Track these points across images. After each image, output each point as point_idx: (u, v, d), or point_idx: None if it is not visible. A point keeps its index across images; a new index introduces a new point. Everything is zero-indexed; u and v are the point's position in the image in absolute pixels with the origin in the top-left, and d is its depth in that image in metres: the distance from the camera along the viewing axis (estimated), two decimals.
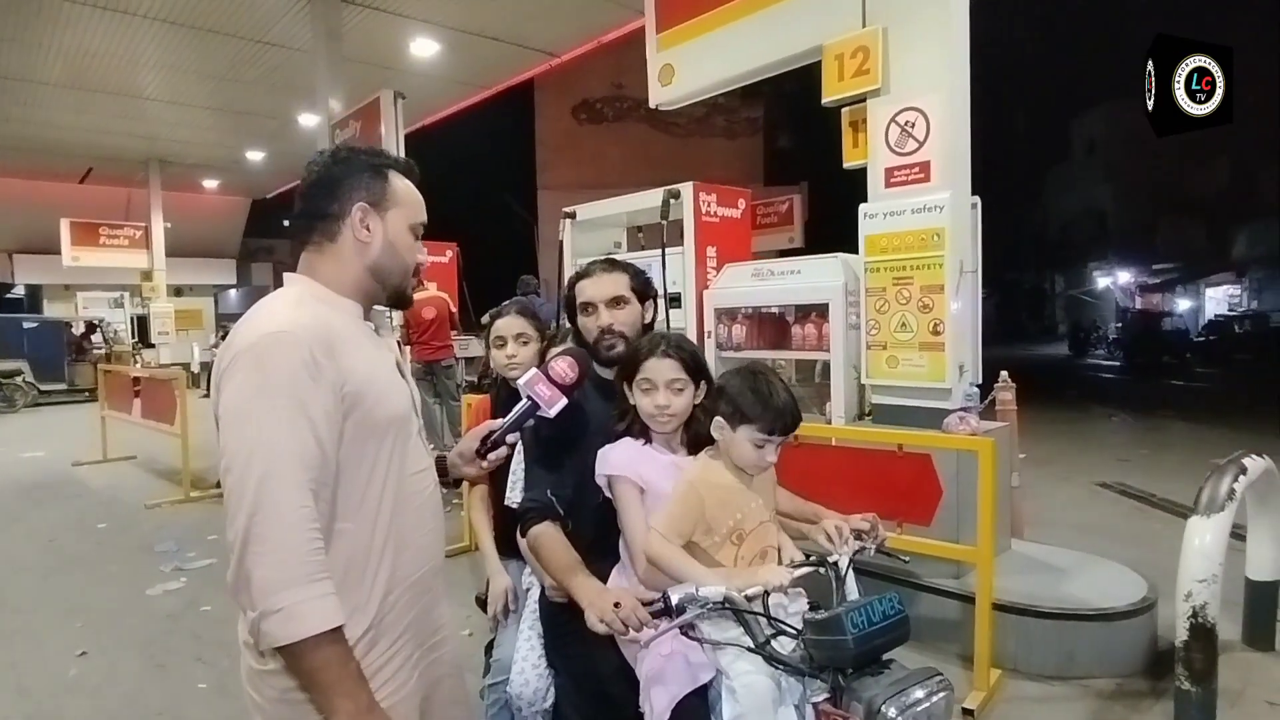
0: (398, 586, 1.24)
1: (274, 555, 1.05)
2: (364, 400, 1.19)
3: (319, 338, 1.15)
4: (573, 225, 5.39)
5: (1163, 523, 5.14)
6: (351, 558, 1.19)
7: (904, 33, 3.50)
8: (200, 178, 17.02)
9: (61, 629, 3.79)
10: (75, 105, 11.37)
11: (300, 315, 1.17)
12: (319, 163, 1.31)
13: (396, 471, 1.25)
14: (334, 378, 1.15)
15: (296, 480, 1.08)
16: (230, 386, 1.12)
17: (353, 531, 1.19)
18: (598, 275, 1.84)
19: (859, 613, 1.20)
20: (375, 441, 1.22)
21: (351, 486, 1.19)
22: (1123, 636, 3.00)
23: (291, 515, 1.07)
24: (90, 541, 5.36)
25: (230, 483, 1.08)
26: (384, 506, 1.23)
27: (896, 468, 3.09)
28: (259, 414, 1.09)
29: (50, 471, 7.86)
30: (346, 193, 1.27)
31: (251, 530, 1.05)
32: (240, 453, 1.08)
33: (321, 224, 1.28)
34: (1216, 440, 8.18)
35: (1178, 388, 15.08)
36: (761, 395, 1.49)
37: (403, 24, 8.66)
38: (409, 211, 1.33)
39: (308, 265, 1.30)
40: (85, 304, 17.86)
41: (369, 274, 1.30)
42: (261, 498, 1.05)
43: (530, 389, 1.46)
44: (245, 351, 1.12)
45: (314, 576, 1.07)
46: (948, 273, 3.37)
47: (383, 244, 1.29)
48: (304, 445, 1.10)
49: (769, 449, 1.51)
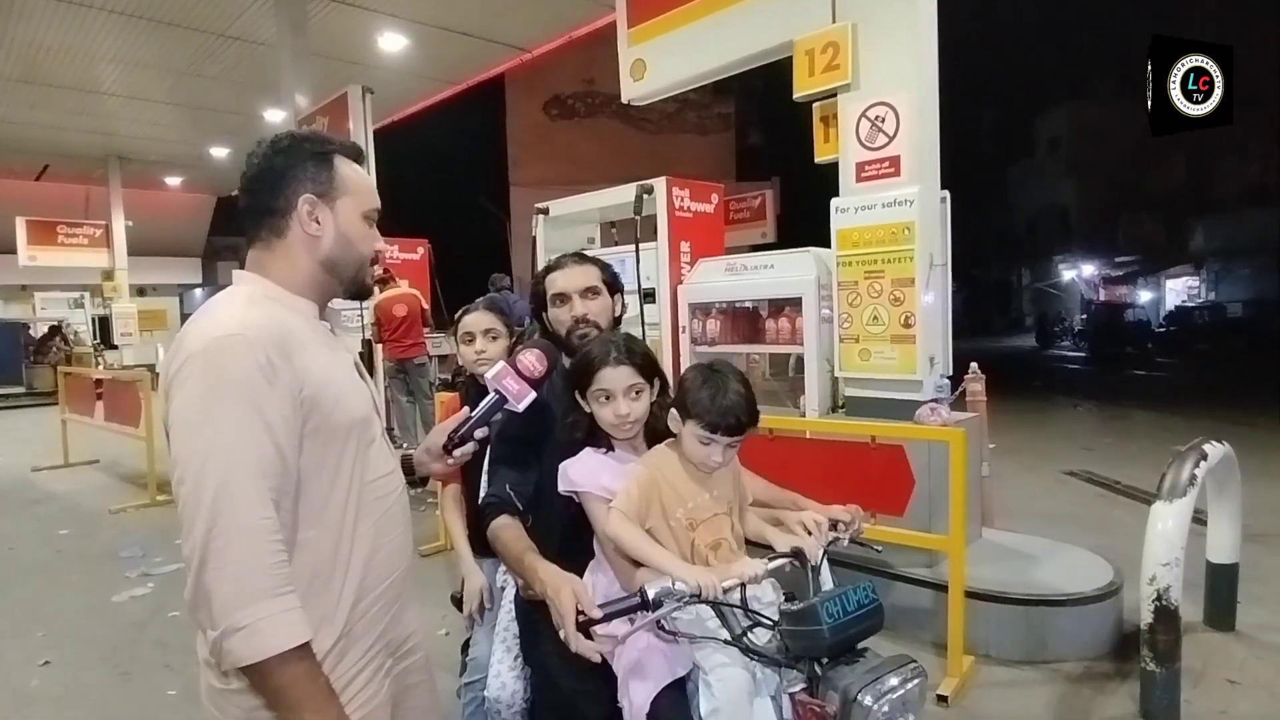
0: (367, 594, 1.20)
1: (234, 570, 0.99)
2: (322, 404, 1.13)
3: (273, 339, 1.09)
4: (545, 221, 5.36)
5: (1126, 509, 5.27)
6: (317, 567, 1.13)
7: (874, 28, 3.54)
8: (162, 174, 16.59)
9: (22, 639, 3.69)
10: (30, 100, 11.02)
11: (252, 316, 1.11)
12: (258, 153, 1.22)
13: (360, 476, 1.20)
14: (290, 381, 1.09)
15: (256, 489, 1.03)
16: (180, 394, 1.06)
17: (317, 540, 1.14)
18: (570, 267, 1.83)
19: (834, 602, 1.21)
20: (337, 446, 1.16)
21: (314, 493, 1.13)
22: (1091, 620, 3.07)
23: (252, 526, 1.01)
24: (51, 549, 5.21)
25: (184, 494, 1.02)
26: (349, 513, 1.17)
27: (870, 459, 3.12)
28: (212, 421, 1.03)
29: (8, 477, 7.63)
30: (291, 185, 1.20)
31: (210, 544, 0.99)
32: (194, 462, 1.02)
33: (268, 220, 1.21)
34: (1177, 428, 8.41)
35: (1140, 377, 15.45)
36: (710, 392, 1.47)
37: (370, 18, 8.52)
38: (360, 198, 1.26)
39: (257, 263, 1.23)
40: (43, 304, 17.38)
41: (322, 269, 1.23)
42: (219, 509, 1.00)
43: (498, 383, 1.44)
44: (195, 356, 1.06)
45: (278, 590, 1.01)
46: (918, 266, 3.41)
47: (335, 236, 1.23)
48: (262, 452, 1.04)
49: (714, 448, 1.48)
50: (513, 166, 18.64)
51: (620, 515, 1.46)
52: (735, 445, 1.53)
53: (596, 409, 1.58)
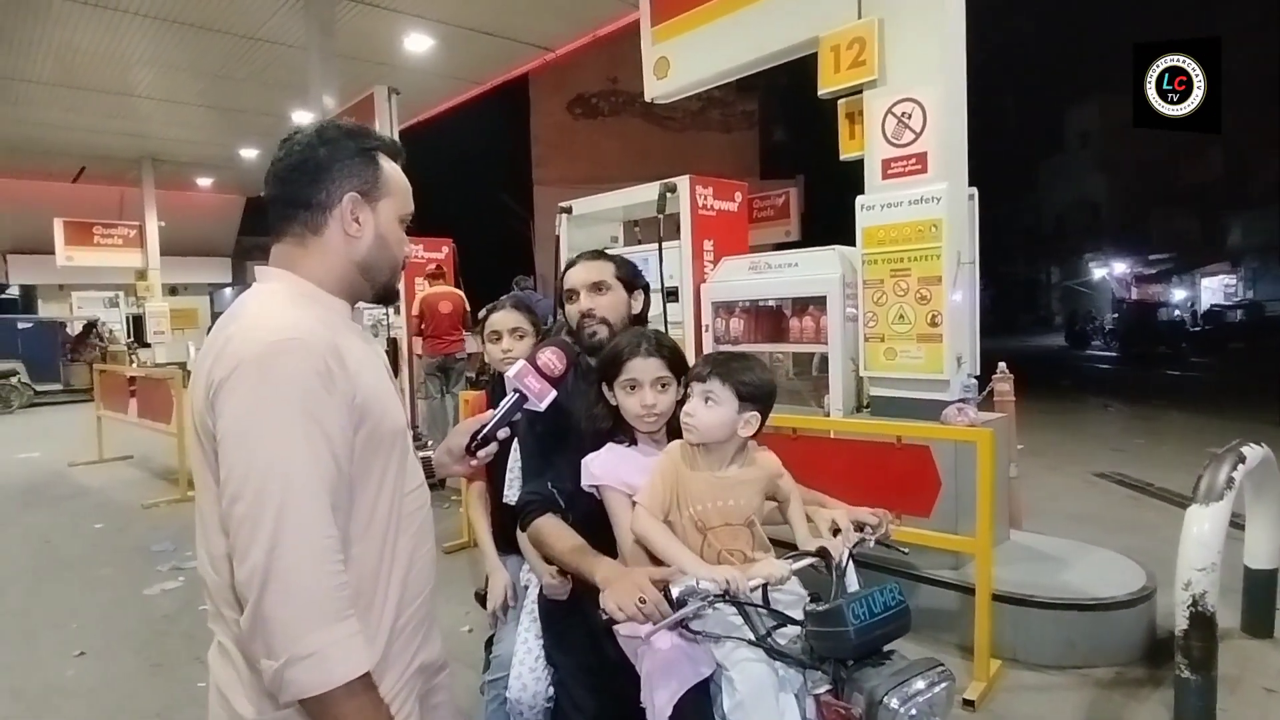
0: (405, 611, 1.15)
1: (300, 594, 0.93)
2: (372, 412, 1.08)
3: (329, 344, 1.03)
4: (569, 220, 5.37)
5: (1158, 512, 5.15)
6: (361, 586, 1.07)
7: (900, 24, 3.49)
8: (194, 176, 16.92)
9: (57, 630, 3.78)
10: (67, 104, 11.29)
11: (305, 319, 1.05)
12: (301, 143, 1.15)
13: (400, 487, 1.15)
14: (345, 388, 1.04)
15: (320, 506, 0.97)
16: (233, 403, 0.99)
17: (362, 556, 1.08)
18: (581, 264, 1.85)
19: (860, 604, 1.19)
20: (382, 456, 1.12)
21: (361, 507, 1.08)
22: (1122, 626, 3.00)
23: (316, 547, 0.96)
24: (86, 542, 5.34)
25: (240, 513, 0.95)
26: (390, 527, 1.13)
27: (895, 459, 3.08)
28: (271, 433, 0.97)
29: (45, 472, 7.82)
30: (335, 180, 1.14)
31: (273, 567, 0.93)
32: (252, 479, 0.95)
33: (304, 214, 1.14)
34: (1212, 429, 8.20)
35: (1173, 377, 15.12)
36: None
37: (396, 19, 8.60)
38: (400, 201, 1.21)
39: (287, 259, 1.15)
40: (80, 304, 17.80)
41: (357, 270, 1.18)
42: (282, 528, 0.93)
43: (519, 381, 1.43)
44: (248, 362, 0.99)
45: (342, 614, 0.96)
46: (945, 264, 3.36)
47: (373, 238, 1.17)
48: (323, 465, 0.99)
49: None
50: (537, 166, 18.72)
51: (645, 512, 1.45)
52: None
53: (622, 399, 1.58)
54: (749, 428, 1.50)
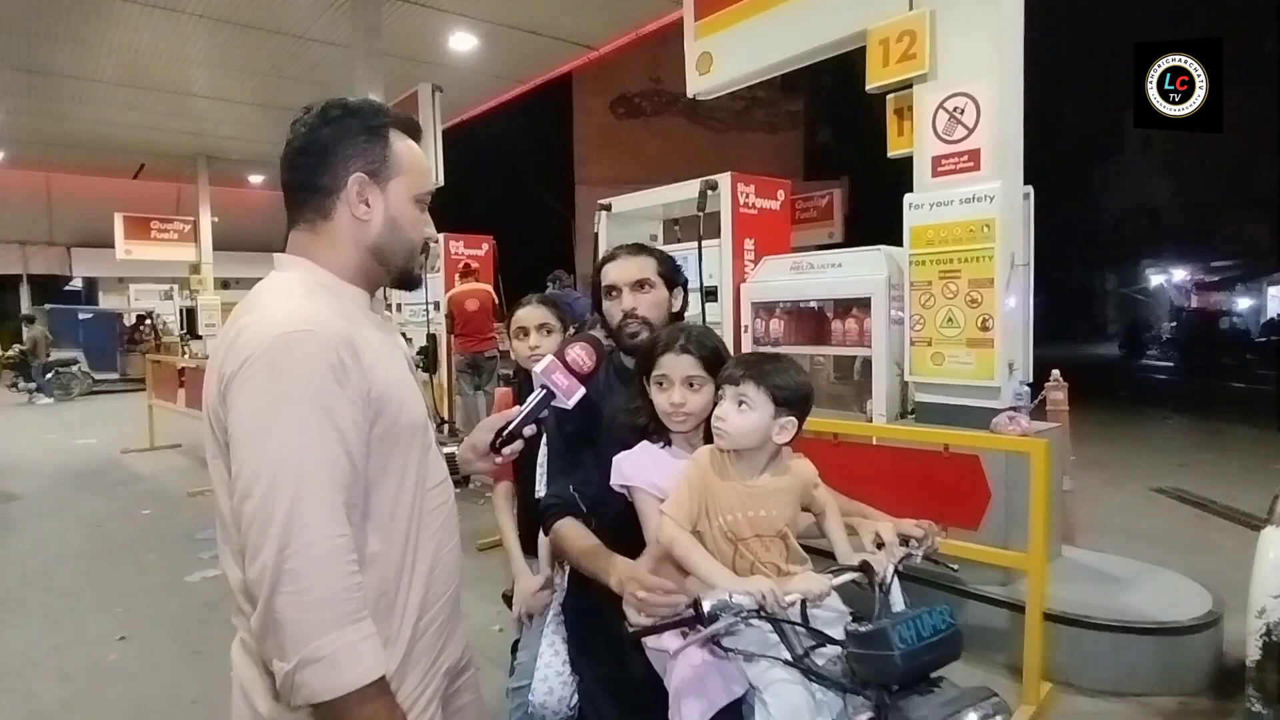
0: (428, 611, 1.11)
1: (312, 594, 0.90)
2: (388, 406, 1.05)
3: (342, 336, 1.00)
4: (608, 217, 5.32)
5: (1224, 531, 4.88)
6: (383, 585, 1.04)
7: (954, 15, 3.36)
8: (246, 173, 17.38)
9: (104, 614, 3.87)
10: (127, 102, 11.68)
11: (317, 309, 1.02)
12: (305, 123, 1.11)
13: (421, 483, 1.11)
14: (359, 381, 1.00)
15: (331, 504, 0.94)
16: (243, 398, 0.96)
17: (383, 555, 1.05)
18: (623, 258, 1.76)
19: (907, 626, 1.10)
20: (401, 452, 1.08)
21: (380, 504, 1.05)
22: (1186, 652, 2.83)
23: (328, 546, 0.92)
24: (135, 528, 5.48)
25: (250, 510, 0.92)
26: (412, 524, 1.09)
27: (942, 469, 2.96)
28: (282, 428, 0.93)
29: (101, 458, 8.10)
30: (340, 161, 1.09)
31: (283, 567, 0.90)
32: (262, 475, 0.93)
33: (313, 199, 1.11)
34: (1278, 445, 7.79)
35: (1237, 390, 14.43)
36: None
37: (441, 18, 8.68)
38: (413, 180, 1.15)
39: (302, 246, 1.13)
40: (137, 296, 18.42)
41: (370, 256, 1.13)
42: (292, 527, 0.91)
43: (546, 378, 1.38)
44: (258, 356, 0.96)
45: (356, 616, 0.93)
46: (998, 266, 3.21)
47: (384, 221, 1.13)
48: (336, 463, 0.96)
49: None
50: (579, 165, 18.79)
51: (671, 522, 1.37)
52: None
53: (654, 395, 1.52)
54: (784, 434, 1.41)
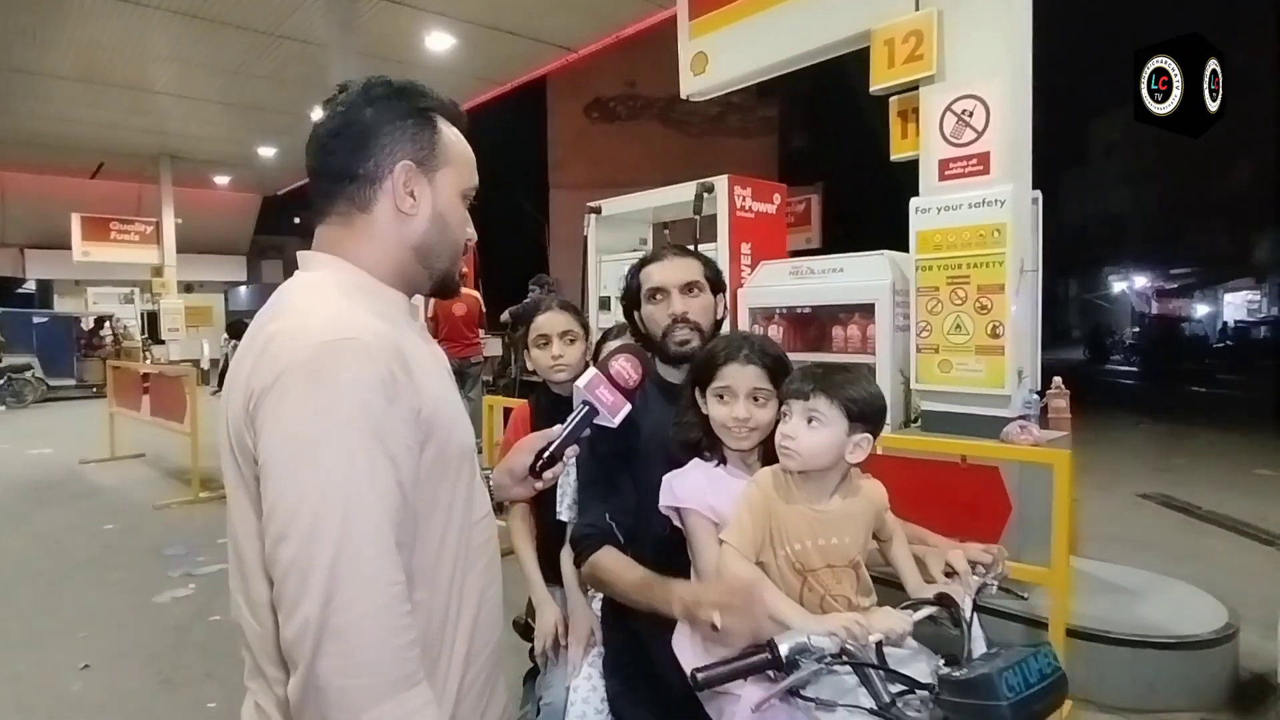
0: (473, 665, 0.97)
1: (363, 656, 0.77)
2: (439, 428, 0.90)
3: (391, 345, 0.85)
4: (597, 221, 5.20)
5: (1216, 538, 4.90)
6: (428, 639, 0.89)
7: (962, 15, 3.30)
8: (211, 173, 16.90)
9: (66, 639, 3.61)
10: (87, 99, 11.26)
11: (363, 315, 0.87)
12: (345, 103, 0.98)
13: (468, 517, 0.97)
14: (411, 399, 0.86)
15: (385, 547, 0.80)
16: (278, 418, 0.80)
17: (427, 604, 0.90)
18: (670, 259, 1.62)
19: (1014, 672, 0.98)
20: (449, 481, 0.93)
21: (428, 543, 0.90)
22: (1206, 667, 2.77)
23: (382, 598, 0.78)
24: (97, 544, 5.18)
25: (289, 555, 0.77)
26: (458, 566, 0.95)
27: (960, 480, 2.86)
28: (327, 454, 0.79)
29: (58, 469, 7.70)
30: (386, 146, 0.96)
31: (329, 623, 0.76)
32: (303, 514, 0.77)
33: (350, 188, 0.96)
34: (1255, 450, 7.95)
35: (1199, 394, 14.79)
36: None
37: (418, 17, 8.48)
38: (461, 172, 1.02)
39: (334, 242, 0.97)
40: (96, 299, 17.78)
41: (413, 255, 0.99)
42: (339, 576, 0.76)
43: (590, 393, 1.24)
44: (297, 368, 0.81)
45: (413, 679, 0.80)
46: (1009, 271, 3.15)
47: (431, 216, 0.99)
48: (387, 496, 0.81)
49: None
50: (553, 169, 18.59)
51: (735, 554, 1.24)
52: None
53: (713, 408, 1.38)
54: (859, 452, 1.28)
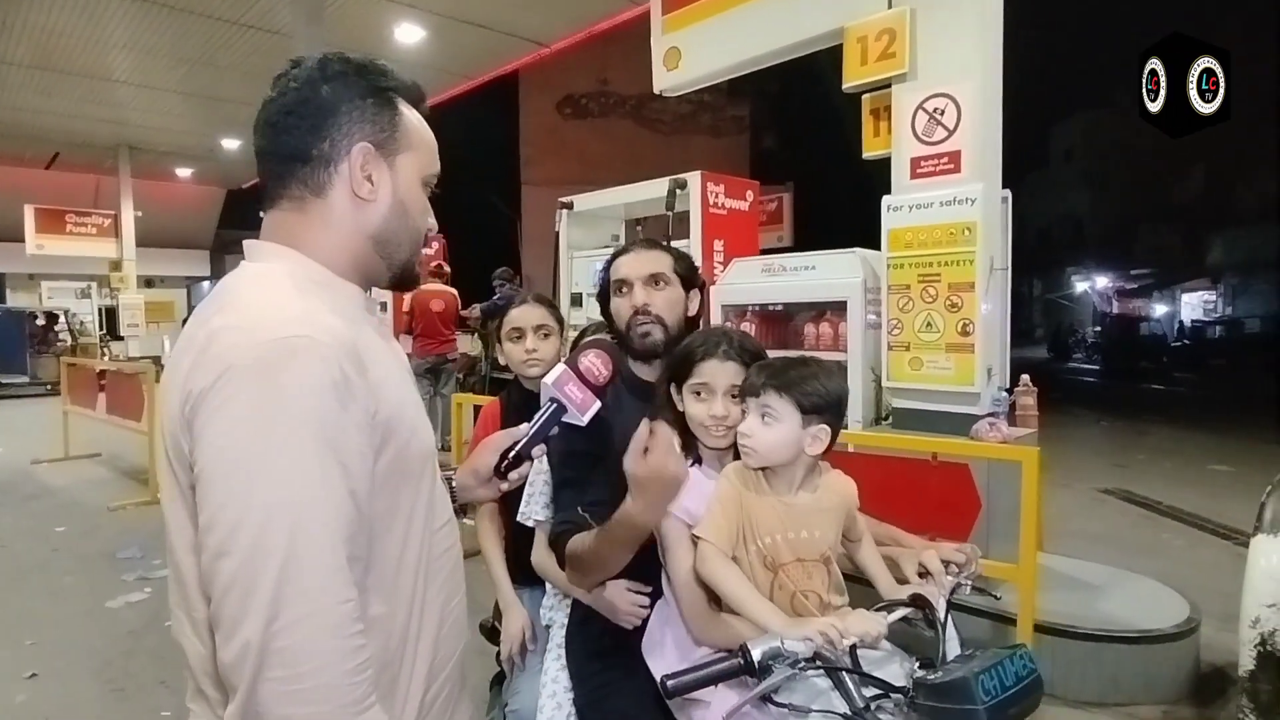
0: (435, 680, 0.92)
1: (310, 681, 0.70)
2: (398, 432, 0.85)
3: (344, 343, 0.79)
4: (569, 216, 5.14)
5: (1175, 533, 5.01)
6: (386, 656, 0.84)
7: (935, 14, 3.31)
8: (173, 166, 16.43)
9: (11, 647, 3.46)
10: (41, 87, 10.86)
11: (313, 310, 0.81)
12: (299, 79, 0.90)
13: (429, 526, 0.91)
14: (366, 403, 0.80)
15: (334, 562, 0.73)
16: (220, 423, 0.74)
17: (386, 619, 0.84)
18: (637, 251, 1.60)
19: (990, 675, 0.97)
20: (410, 488, 0.88)
21: (385, 555, 0.84)
22: (1168, 660, 2.81)
23: (330, 617, 0.72)
24: (47, 547, 4.99)
25: (229, 572, 0.71)
26: (419, 577, 0.89)
27: (930, 478, 2.87)
28: (273, 466, 0.73)
29: (6, 470, 7.41)
30: (343, 126, 0.89)
31: (270, 645, 0.70)
32: (246, 525, 0.71)
33: (303, 170, 0.89)
34: (1209, 446, 8.17)
35: (1157, 392, 15.19)
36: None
37: (387, 8, 8.33)
38: (423, 158, 0.97)
39: (285, 230, 0.90)
40: (50, 294, 17.22)
41: (371, 246, 0.93)
42: (284, 595, 0.70)
43: (559, 390, 1.20)
44: (243, 369, 0.74)
45: (363, 704, 0.74)
46: (979, 270, 3.17)
47: (390, 203, 0.93)
48: (339, 507, 0.75)
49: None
50: (525, 165, 18.44)
51: (714, 551, 1.21)
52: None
53: (690, 405, 1.35)
54: (817, 444, 1.27)
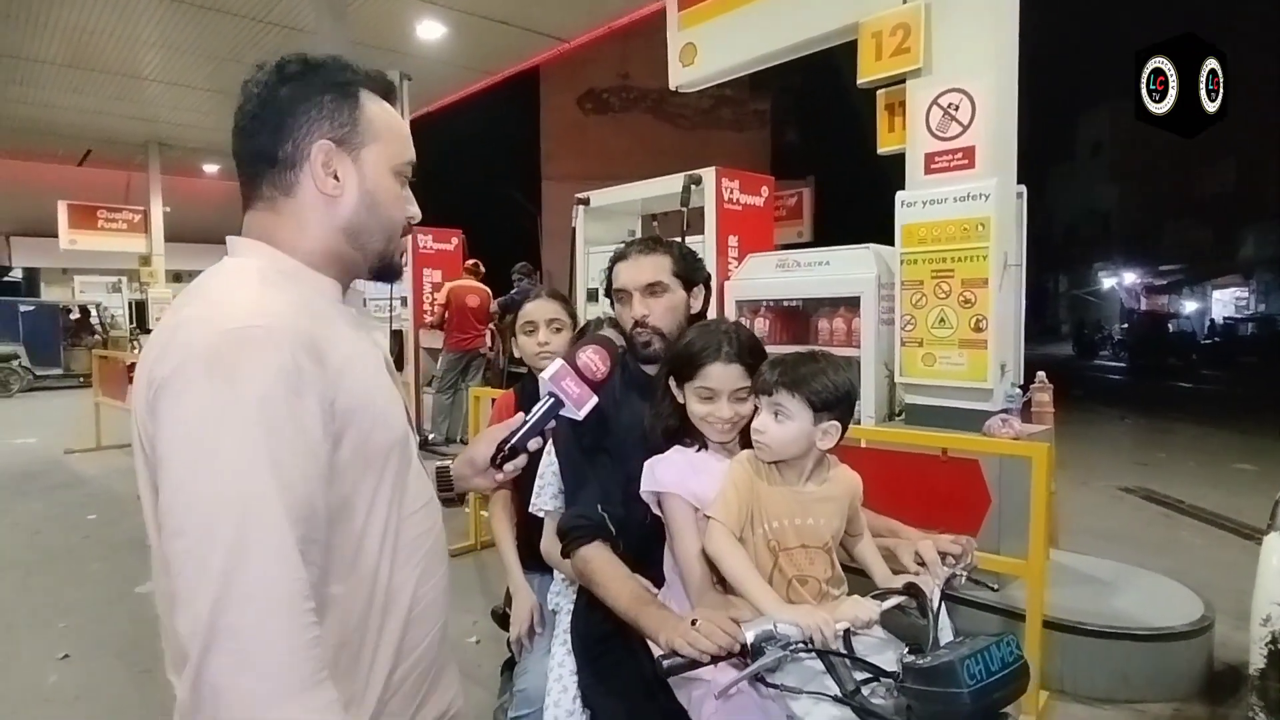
0: (405, 660, 0.94)
1: (258, 657, 0.73)
2: (360, 420, 0.87)
3: (300, 334, 0.83)
4: (585, 212, 5.18)
5: (1195, 532, 4.95)
6: (345, 634, 0.87)
7: (950, 9, 3.30)
8: (200, 162, 16.71)
9: (43, 630, 3.59)
10: (74, 85, 11.11)
11: (273, 301, 0.85)
12: (259, 81, 0.95)
13: (398, 510, 0.94)
14: (323, 391, 0.83)
15: (283, 542, 0.76)
16: (176, 409, 0.78)
17: (345, 599, 0.87)
18: (634, 257, 1.60)
19: (976, 660, 0.99)
20: (373, 475, 0.90)
21: (344, 538, 0.87)
22: (1181, 658, 2.80)
23: (280, 594, 0.75)
24: (78, 534, 5.15)
25: (183, 550, 0.74)
26: (384, 559, 0.92)
27: (941, 473, 2.88)
28: (224, 450, 0.76)
29: (41, 459, 7.64)
30: (302, 126, 0.92)
31: (219, 622, 0.72)
32: (198, 506, 0.75)
33: (272, 172, 0.94)
34: (1235, 446, 8.02)
35: (1185, 390, 14.91)
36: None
37: (409, 5, 8.41)
38: (391, 148, 0.98)
39: (261, 228, 0.95)
40: (82, 288, 17.62)
41: (343, 238, 0.97)
42: (234, 571, 0.73)
43: (555, 384, 1.23)
44: (196, 358, 0.78)
45: (312, 679, 0.76)
46: (992, 265, 3.16)
47: (358, 196, 0.96)
48: (290, 490, 0.78)
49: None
50: (545, 160, 18.54)
51: (722, 530, 1.26)
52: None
53: (692, 403, 1.40)
54: (828, 439, 1.32)
